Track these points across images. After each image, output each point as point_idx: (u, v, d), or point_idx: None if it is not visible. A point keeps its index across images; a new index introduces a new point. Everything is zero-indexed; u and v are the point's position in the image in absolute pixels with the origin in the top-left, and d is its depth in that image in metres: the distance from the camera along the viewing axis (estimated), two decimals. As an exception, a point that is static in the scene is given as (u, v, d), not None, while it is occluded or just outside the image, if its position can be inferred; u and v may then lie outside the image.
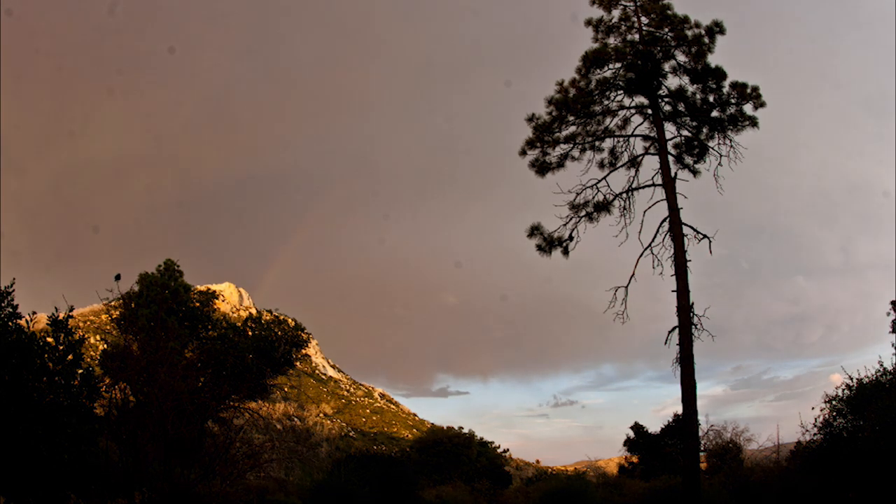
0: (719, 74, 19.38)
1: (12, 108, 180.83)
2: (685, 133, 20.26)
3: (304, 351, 20.50)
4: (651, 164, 20.14)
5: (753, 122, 19.47)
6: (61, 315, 13.82)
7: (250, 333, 19.31)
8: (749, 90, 19.26)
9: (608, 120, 20.38)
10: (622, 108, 20.32)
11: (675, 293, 18.78)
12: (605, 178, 20.39)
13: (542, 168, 20.28)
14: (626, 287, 19.72)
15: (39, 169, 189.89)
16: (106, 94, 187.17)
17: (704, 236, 19.33)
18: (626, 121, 20.59)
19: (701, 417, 19.95)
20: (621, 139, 20.57)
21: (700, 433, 21.13)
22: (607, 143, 20.59)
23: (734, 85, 19.36)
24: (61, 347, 13.34)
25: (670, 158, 19.93)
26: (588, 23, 20.21)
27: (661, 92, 20.07)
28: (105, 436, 14.86)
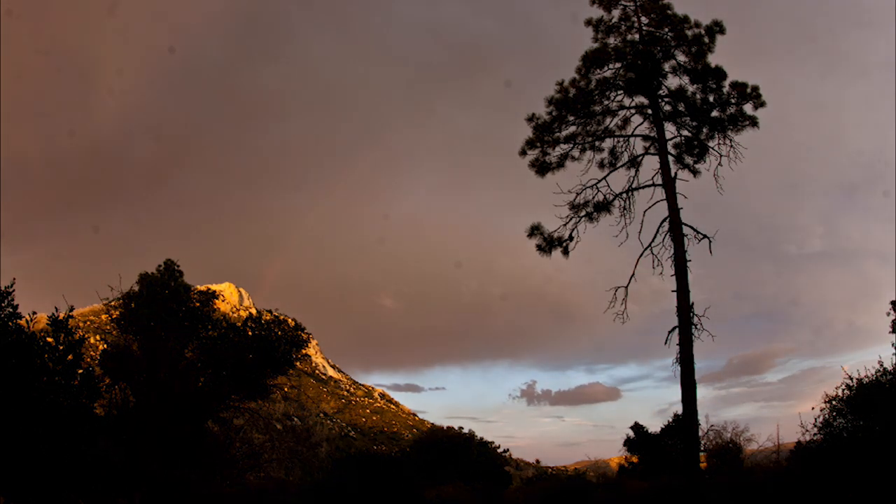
0: (719, 74, 19.38)
1: (12, 107, 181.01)
2: (685, 133, 20.27)
3: (304, 351, 20.47)
4: (651, 164, 20.17)
5: (753, 122, 19.47)
6: (61, 315, 13.80)
7: (250, 333, 19.27)
8: (749, 90, 19.26)
9: (608, 120, 20.39)
10: (622, 108, 20.32)
11: (675, 293, 18.81)
12: (605, 178, 20.40)
13: (542, 168, 20.28)
14: (627, 287, 19.76)
15: (40, 168, 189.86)
16: (106, 92, 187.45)
17: (704, 236, 19.34)
18: (626, 121, 20.59)
19: (701, 417, 19.94)
20: (621, 139, 20.59)
21: (700, 433, 21.10)
22: (607, 143, 20.62)
23: (734, 85, 19.36)
24: (61, 347, 13.32)
25: (670, 158, 19.93)
26: (588, 23, 20.22)
27: (661, 92, 20.06)
28: (105, 436, 14.85)
